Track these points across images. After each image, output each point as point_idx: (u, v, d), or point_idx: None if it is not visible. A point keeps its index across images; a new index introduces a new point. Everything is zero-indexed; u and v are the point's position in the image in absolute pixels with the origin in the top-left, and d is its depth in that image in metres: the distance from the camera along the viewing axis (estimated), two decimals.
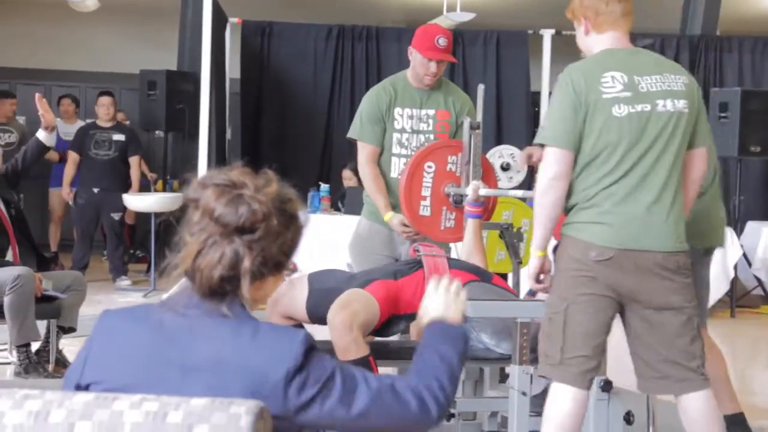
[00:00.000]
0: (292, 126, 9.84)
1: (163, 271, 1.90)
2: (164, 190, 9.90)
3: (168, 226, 9.62)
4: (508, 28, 10.49)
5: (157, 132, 10.55)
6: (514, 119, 10.05)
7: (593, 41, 3.40)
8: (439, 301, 2.13)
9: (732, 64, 10.23)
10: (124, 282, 9.26)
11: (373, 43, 10.02)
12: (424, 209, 4.64)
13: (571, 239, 3.29)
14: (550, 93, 10.78)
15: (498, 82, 9.96)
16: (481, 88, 4.73)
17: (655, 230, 3.25)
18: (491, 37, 10.06)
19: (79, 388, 1.88)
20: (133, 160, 9.37)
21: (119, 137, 9.32)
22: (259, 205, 1.84)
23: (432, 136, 4.78)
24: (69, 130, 10.24)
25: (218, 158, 9.35)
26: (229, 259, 1.83)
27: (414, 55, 4.77)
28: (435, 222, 4.66)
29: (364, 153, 4.80)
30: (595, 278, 3.24)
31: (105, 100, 9.43)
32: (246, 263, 1.83)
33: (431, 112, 4.81)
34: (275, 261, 1.87)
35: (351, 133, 4.88)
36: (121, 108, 11.08)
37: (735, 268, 8.48)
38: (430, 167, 4.64)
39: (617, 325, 3.41)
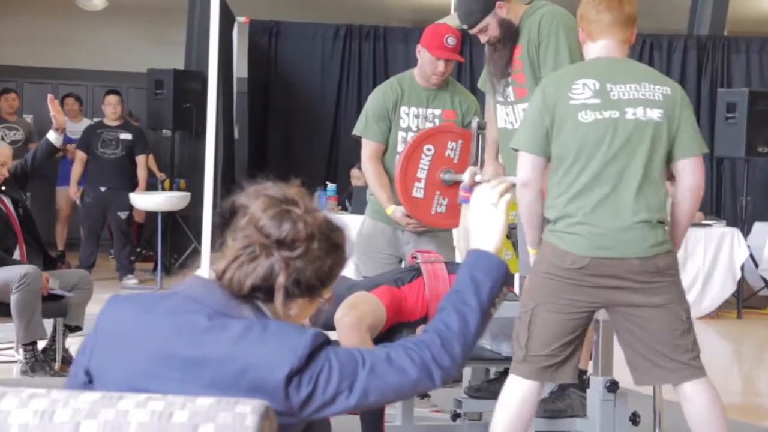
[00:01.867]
0: (299, 125, 9.85)
1: (188, 267, 1.91)
2: (171, 188, 9.92)
3: (175, 225, 9.65)
4: None
5: (164, 131, 10.57)
6: None
7: (588, 50, 3.46)
8: (479, 218, 2.01)
9: (739, 64, 10.22)
10: (131, 281, 9.28)
11: (381, 42, 10.03)
12: (418, 191, 4.66)
13: (550, 245, 3.35)
14: None
15: None
16: None
17: (628, 237, 3.28)
18: None
19: (87, 374, 1.88)
20: (140, 159, 9.39)
21: (126, 136, 9.34)
22: (305, 225, 1.85)
23: None
24: (74, 128, 10.26)
25: (226, 157, 9.36)
26: (264, 270, 1.83)
27: (422, 53, 4.78)
28: (427, 205, 4.69)
29: (368, 150, 4.82)
30: (570, 284, 3.29)
31: (112, 99, 9.45)
32: (281, 279, 1.83)
33: (437, 111, 4.82)
34: (308, 284, 1.87)
35: (356, 131, 4.90)
36: (130, 109, 11.10)
37: (742, 268, 8.47)
38: (429, 150, 4.67)
39: None
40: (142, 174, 9.39)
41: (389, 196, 4.74)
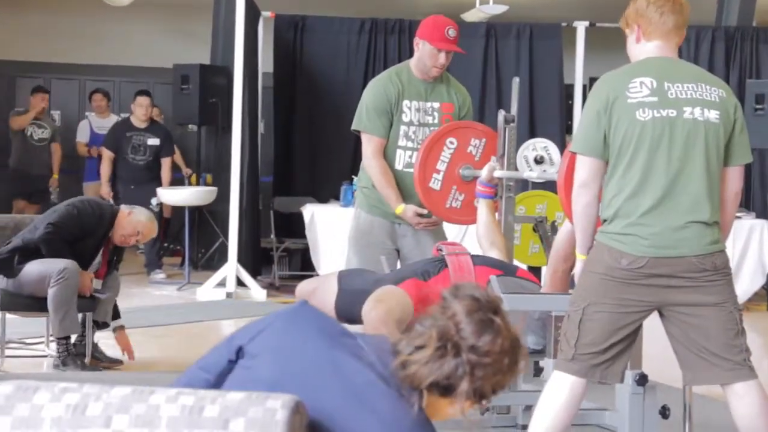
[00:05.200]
0: (324, 119, 9.85)
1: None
2: (198, 183, 9.95)
3: (202, 220, 9.68)
4: (541, 20, 10.44)
5: (190, 126, 10.60)
6: (547, 112, 10.00)
7: (641, 50, 3.43)
8: None
9: None
10: (159, 275, 9.32)
11: (406, 36, 10.00)
12: (435, 182, 4.67)
13: (604, 246, 3.31)
14: (584, 86, 10.68)
15: (531, 75, 9.91)
16: (515, 81, 4.73)
17: (685, 236, 3.25)
18: (524, 30, 10.01)
19: (239, 351, 1.89)
20: (165, 161, 9.47)
21: (154, 142, 9.40)
22: (502, 339, 1.86)
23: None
24: (102, 123, 10.36)
25: (251, 152, 9.38)
26: (449, 369, 1.84)
27: (422, 46, 4.76)
28: (442, 198, 4.69)
29: (371, 145, 4.79)
30: (623, 283, 3.25)
31: (143, 100, 9.47)
32: (464, 385, 1.84)
33: (436, 105, 4.81)
34: (482, 393, 1.88)
35: (356, 125, 4.87)
36: (156, 103, 11.14)
37: None
38: (452, 143, 4.67)
39: (654, 319, 3.39)
40: (165, 176, 9.45)
41: (398, 195, 4.72)
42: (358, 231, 4.87)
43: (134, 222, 5.66)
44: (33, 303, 5.44)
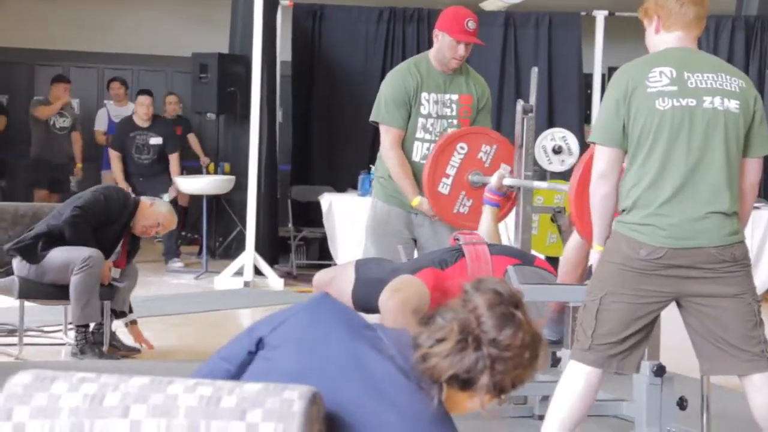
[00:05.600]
0: (343, 108, 9.85)
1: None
2: (216, 172, 9.97)
3: (220, 208, 9.70)
4: (560, 9, 10.40)
5: (208, 115, 10.61)
6: (566, 102, 9.97)
7: (660, 40, 3.41)
8: None
9: None
10: (177, 264, 9.35)
11: (424, 25, 9.99)
12: (444, 187, 4.67)
13: (622, 236, 3.30)
14: (603, 75, 10.62)
15: (550, 64, 9.88)
16: (534, 71, 4.71)
17: (705, 227, 3.24)
18: (543, 19, 9.98)
19: (259, 343, 1.90)
20: (173, 157, 9.48)
21: (156, 141, 9.41)
22: (523, 333, 1.86)
23: (455, 122, 4.78)
24: (120, 112, 10.40)
25: (269, 141, 9.38)
26: (469, 363, 1.84)
27: (441, 37, 4.74)
28: (450, 203, 4.69)
29: (389, 137, 4.79)
30: (641, 274, 3.24)
31: (145, 99, 9.48)
32: (484, 379, 1.84)
33: (455, 96, 4.80)
34: (502, 387, 1.88)
35: (374, 117, 4.87)
36: (175, 91, 11.17)
37: None
38: (462, 148, 4.67)
39: (671, 310, 3.38)
40: (174, 171, 9.46)
41: (415, 187, 4.72)
42: (375, 220, 4.88)
43: (156, 213, 5.69)
44: (53, 291, 5.47)
